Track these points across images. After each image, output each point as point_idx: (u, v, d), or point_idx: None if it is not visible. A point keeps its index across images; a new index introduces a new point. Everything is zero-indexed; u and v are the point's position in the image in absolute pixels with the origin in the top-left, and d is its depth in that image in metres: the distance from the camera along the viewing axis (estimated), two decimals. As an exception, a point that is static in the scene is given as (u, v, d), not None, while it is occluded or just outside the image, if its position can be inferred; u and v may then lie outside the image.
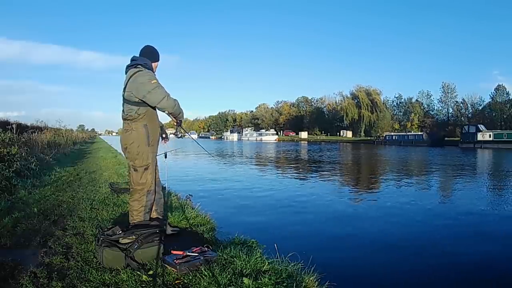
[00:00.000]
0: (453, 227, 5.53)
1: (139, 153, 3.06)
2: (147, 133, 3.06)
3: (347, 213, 6.38)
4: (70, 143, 19.39)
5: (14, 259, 2.67)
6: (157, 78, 3.08)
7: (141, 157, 3.07)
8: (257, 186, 9.11)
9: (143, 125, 3.06)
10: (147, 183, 3.09)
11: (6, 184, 5.59)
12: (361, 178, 12.86)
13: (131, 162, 3.11)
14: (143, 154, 3.06)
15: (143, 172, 3.08)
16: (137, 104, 3.01)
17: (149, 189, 3.11)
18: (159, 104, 3.00)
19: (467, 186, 9.95)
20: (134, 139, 3.05)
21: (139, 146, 3.05)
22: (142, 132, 3.05)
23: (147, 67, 3.10)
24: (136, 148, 3.06)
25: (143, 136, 3.05)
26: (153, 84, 2.97)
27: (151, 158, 3.10)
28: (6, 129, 8.80)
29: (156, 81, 3.00)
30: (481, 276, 3.68)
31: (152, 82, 2.97)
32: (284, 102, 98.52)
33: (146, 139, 3.06)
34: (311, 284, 2.55)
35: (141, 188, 3.09)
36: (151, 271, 2.46)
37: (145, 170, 3.08)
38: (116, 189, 5.59)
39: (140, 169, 3.07)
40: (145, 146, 3.06)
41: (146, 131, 3.05)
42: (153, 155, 3.16)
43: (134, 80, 2.99)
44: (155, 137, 3.17)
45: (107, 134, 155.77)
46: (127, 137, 3.08)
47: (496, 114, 58.50)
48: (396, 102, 77.77)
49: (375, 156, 24.88)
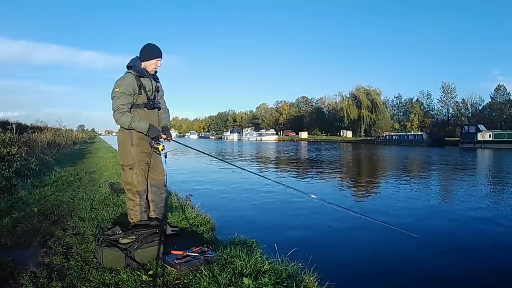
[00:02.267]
0: (453, 226, 5.53)
1: (125, 153, 3.12)
2: (130, 134, 3.07)
3: (347, 213, 6.37)
4: (70, 143, 19.40)
5: (14, 259, 2.67)
6: (130, 86, 2.99)
7: (126, 157, 3.12)
8: (257, 186, 9.10)
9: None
10: (132, 183, 3.09)
11: (6, 184, 5.59)
12: (362, 178, 12.85)
13: (121, 162, 3.21)
14: (127, 154, 3.10)
15: (129, 172, 3.10)
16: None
17: (139, 189, 3.11)
18: (112, 114, 3.02)
19: (466, 186, 9.94)
20: (120, 139, 3.15)
21: (124, 147, 3.11)
22: (125, 132, 3.09)
23: (135, 68, 3.09)
24: (122, 148, 3.13)
25: (126, 137, 3.09)
26: (115, 92, 2.99)
27: (136, 158, 3.09)
28: (6, 129, 8.81)
29: (119, 89, 2.97)
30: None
31: (115, 90, 2.99)
32: (284, 102, 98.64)
33: (129, 139, 3.08)
34: (311, 284, 2.55)
35: (129, 187, 3.13)
36: (151, 271, 2.46)
37: (130, 170, 3.10)
38: (116, 189, 5.59)
39: (126, 169, 3.12)
40: (129, 146, 3.09)
41: (128, 132, 3.07)
42: (141, 155, 3.11)
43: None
44: (141, 137, 3.09)
45: (107, 134, 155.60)
46: (117, 138, 3.20)
47: (496, 114, 58.50)
48: (396, 102, 77.88)
49: (375, 156, 24.88)
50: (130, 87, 3.01)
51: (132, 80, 3.04)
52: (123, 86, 2.99)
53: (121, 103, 2.97)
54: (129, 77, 3.05)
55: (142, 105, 3.12)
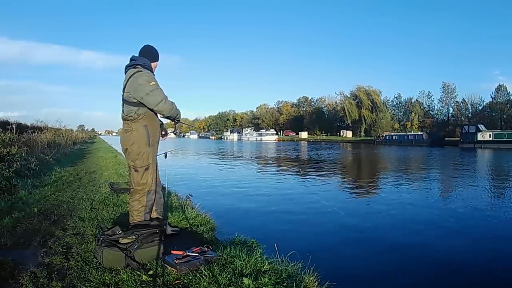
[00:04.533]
0: (453, 226, 5.53)
1: (139, 154, 3.05)
2: (147, 134, 3.05)
3: (347, 213, 6.37)
4: (70, 143, 19.39)
5: (14, 259, 2.67)
6: (156, 79, 3.08)
7: (142, 158, 3.06)
8: (257, 186, 9.11)
9: (143, 126, 3.05)
10: (147, 183, 3.08)
11: (6, 184, 5.58)
12: (362, 178, 12.85)
13: (132, 163, 3.10)
14: (144, 154, 3.06)
15: (144, 173, 3.07)
16: (137, 104, 3.01)
17: (150, 189, 3.11)
18: (156, 107, 3.01)
19: (466, 186, 9.94)
20: (135, 139, 3.05)
21: (139, 147, 3.04)
22: (142, 132, 3.04)
23: (146, 67, 3.09)
24: (136, 148, 3.05)
25: (144, 137, 3.05)
26: (152, 86, 2.96)
27: (151, 159, 3.10)
28: (6, 129, 8.81)
29: (155, 83, 3.00)
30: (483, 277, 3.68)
31: (151, 84, 2.97)
32: (285, 102, 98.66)
33: (146, 139, 3.05)
34: (311, 284, 2.55)
35: (141, 188, 3.09)
36: (151, 271, 2.46)
37: (146, 171, 3.07)
38: (116, 189, 5.59)
39: (141, 170, 3.07)
40: (145, 146, 3.05)
41: (146, 131, 3.05)
42: (154, 155, 3.16)
43: (133, 80, 2.98)
44: (156, 137, 3.17)
45: (107, 134, 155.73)
46: (127, 137, 3.07)
47: (496, 114, 58.48)
48: (396, 102, 77.89)
49: (375, 156, 24.87)
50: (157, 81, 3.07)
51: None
52: (154, 80, 3.03)
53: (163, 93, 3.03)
54: (149, 72, 3.10)
55: None
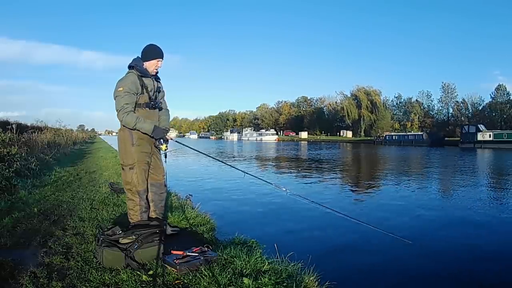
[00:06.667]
0: (453, 225, 5.53)
1: (126, 153, 3.12)
2: (131, 134, 3.08)
3: (347, 213, 6.36)
4: (70, 143, 19.39)
5: (14, 259, 2.67)
6: (133, 86, 2.99)
7: (126, 157, 3.12)
8: (257, 186, 9.10)
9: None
10: (132, 182, 3.10)
11: (6, 184, 5.59)
12: (362, 177, 12.85)
13: (121, 161, 3.20)
14: (127, 153, 3.11)
15: (129, 172, 3.11)
16: None
17: (139, 189, 3.11)
18: (117, 114, 3.01)
19: (465, 186, 9.94)
20: (120, 139, 3.15)
21: (125, 146, 3.12)
22: (126, 132, 3.09)
23: (138, 68, 3.09)
24: (123, 147, 3.14)
25: (127, 136, 3.09)
26: (118, 92, 2.99)
27: (136, 158, 3.10)
28: (6, 129, 8.81)
29: (122, 89, 2.97)
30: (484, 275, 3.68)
31: (118, 89, 2.99)
32: (285, 102, 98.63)
33: (130, 139, 3.08)
34: (311, 284, 2.55)
35: (128, 187, 3.14)
36: (151, 271, 2.46)
37: (130, 170, 3.10)
38: (116, 189, 5.59)
39: (126, 168, 3.12)
40: (129, 146, 3.09)
41: (129, 131, 3.07)
42: (141, 155, 3.12)
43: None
44: (144, 137, 3.10)
45: (107, 134, 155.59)
46: (118, 137, 3.20)
47: (496, 114, 58.48)
48: (396, 102, 77.87)
49: (375, 156, 24.86)
50: (134, 86, 3.02)
51: (135, 79, 3.05)
52: (127, 85, 2.99)
53: (126, 102, 2.97)
54: (131, 76, 3.06)
55: (143, 105, 3.13)
